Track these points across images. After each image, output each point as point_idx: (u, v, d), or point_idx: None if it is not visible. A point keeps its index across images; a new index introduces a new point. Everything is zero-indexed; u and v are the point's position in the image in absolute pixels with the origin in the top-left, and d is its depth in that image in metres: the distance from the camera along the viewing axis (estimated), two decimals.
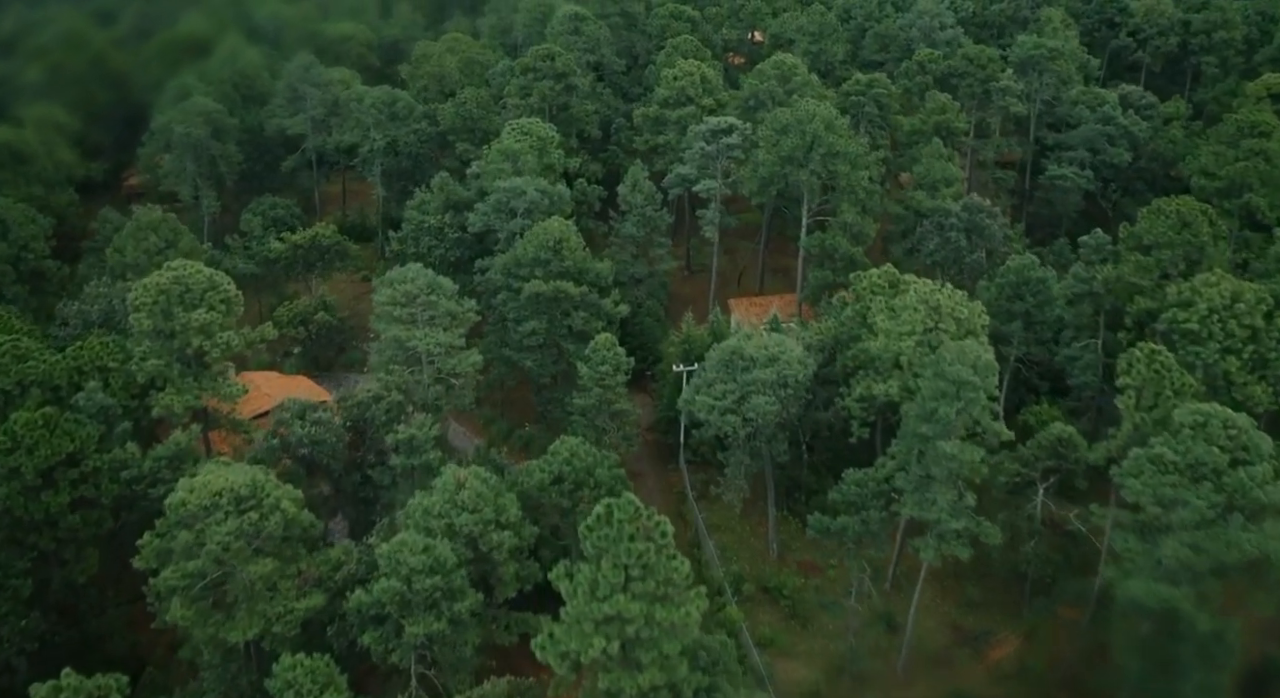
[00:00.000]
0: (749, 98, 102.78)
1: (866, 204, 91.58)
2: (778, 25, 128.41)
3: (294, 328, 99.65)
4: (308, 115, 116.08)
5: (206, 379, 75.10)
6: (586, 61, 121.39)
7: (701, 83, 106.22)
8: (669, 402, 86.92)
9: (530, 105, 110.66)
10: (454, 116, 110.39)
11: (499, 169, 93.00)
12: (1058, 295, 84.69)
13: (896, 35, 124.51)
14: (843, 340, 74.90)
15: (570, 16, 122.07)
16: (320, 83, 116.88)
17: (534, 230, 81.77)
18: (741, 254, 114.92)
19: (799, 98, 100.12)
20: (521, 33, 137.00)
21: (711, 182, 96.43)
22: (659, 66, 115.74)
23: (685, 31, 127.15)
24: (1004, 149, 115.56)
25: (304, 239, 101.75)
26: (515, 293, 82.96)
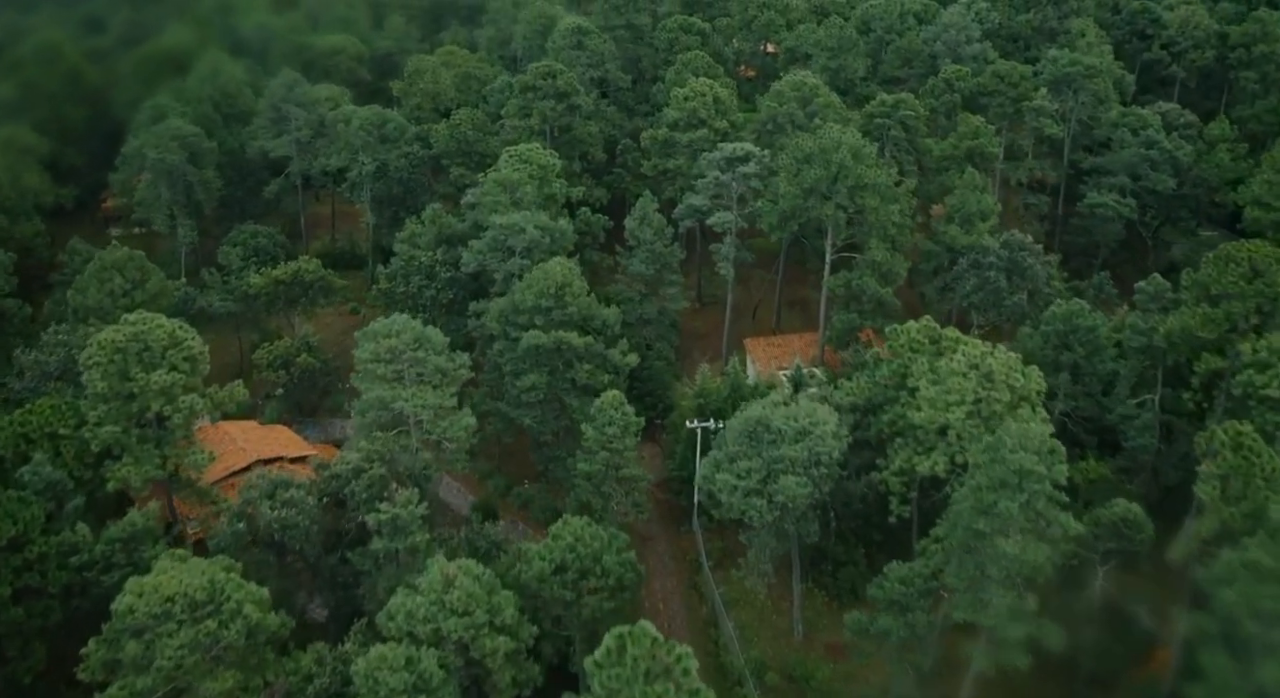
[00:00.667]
0: (766, 122, 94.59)
1: (896, 240, 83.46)
2: (793, 39, 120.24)
3: (274, 371, 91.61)
4: (292, 137, 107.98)
5: (169, 446, 67.19)
6: (590, 78, 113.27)
7: (714, 104, 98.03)
8: (682, 460, 78.99)
9: (530, 126, 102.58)
10: (448, 139, 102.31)
11: (496, 201, 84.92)
12: (1107, 342, 76.67)
13: (920, 50, 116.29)
14: (878, 403, 66.82)
15: (573, 30, 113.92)
16: (306, 102, 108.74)
17: (534, 275, 73.71)
18: (756, 284, 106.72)
19: (821, 122, 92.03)
20: (521, 45, 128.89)
21: (726, 214, 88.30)
22: (668, 84, 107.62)
23: (695, 45, 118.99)
24: (1036, 172, 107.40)
25: (285, 274, 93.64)
26: (513, 342, 74.95)
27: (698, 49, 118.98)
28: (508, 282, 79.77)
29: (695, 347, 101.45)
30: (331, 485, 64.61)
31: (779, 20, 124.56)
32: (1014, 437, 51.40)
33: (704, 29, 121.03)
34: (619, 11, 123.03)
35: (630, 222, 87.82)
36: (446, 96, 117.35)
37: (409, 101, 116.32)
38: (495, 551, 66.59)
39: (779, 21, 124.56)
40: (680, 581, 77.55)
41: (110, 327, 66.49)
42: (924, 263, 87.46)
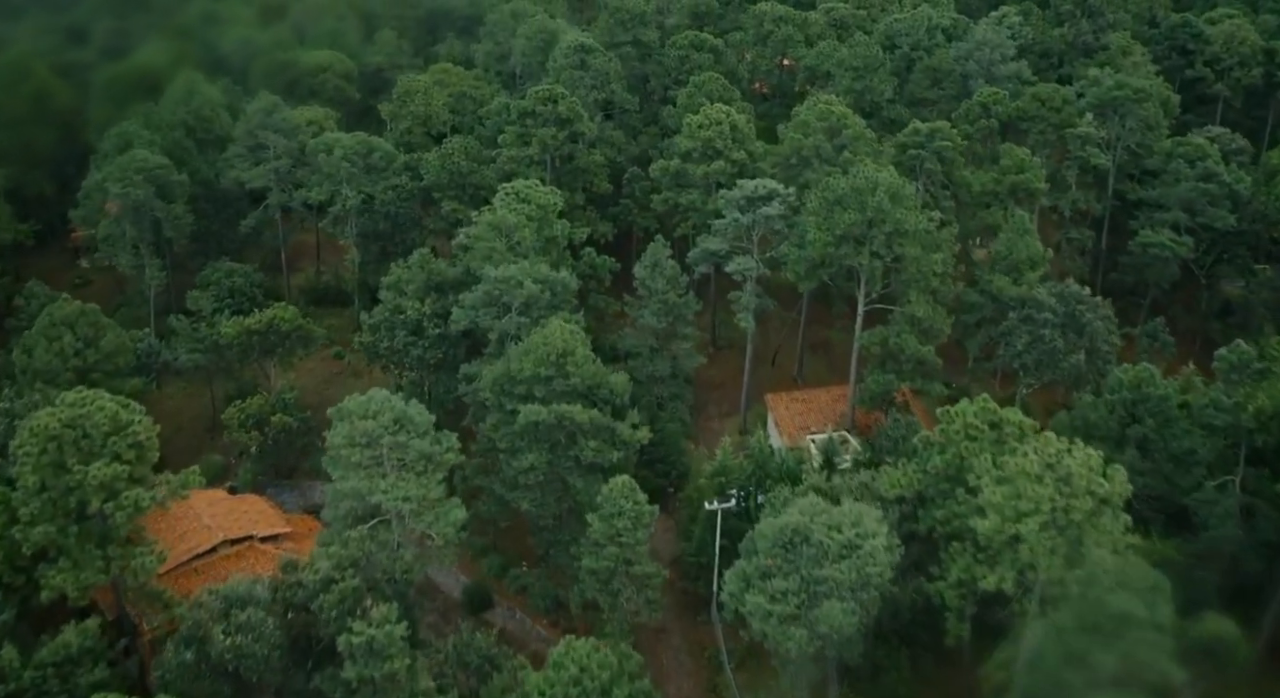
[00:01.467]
0: (791, 155, 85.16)
1: (939, 292, 74.25)
2: (814, 57, 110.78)
3: (246, 432, 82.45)
4: (271, 167, 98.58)
5: (113, 546, 58.13)
6: (594, 100, 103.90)
7: (731, 132, 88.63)
8: (699, 544, 69.80)
9: (529, 156, 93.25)
10: (439, 170, 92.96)
11: (490, 247, 75.64)
12: (1180, 413, 67.43)
13: (951, 70, 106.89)
14: (929, 496, 57.63)
15: (575, 48, 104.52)
16: (285, 128, 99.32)
17: (532, 341, 64.47)
18: (775, 326, 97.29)
19: (851, 155, 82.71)
20: (520, 62, 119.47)
21: (747, 260, 79.03)
22: (679, 110, 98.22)
23: (707, 64, 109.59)
24: (1080, 204, 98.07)
25: (259, 323, 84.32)
26: (509, 415, 65.71)
27: (710, 68, 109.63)
28: (502, 343, 70.53)
29: (710, 398, 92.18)
30: (297, 596, 55.44)
31: (797, 35, 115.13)
32: (1110, 572, 42.19)
33: (716, 46, 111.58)
34: (624, 27, 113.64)
35: (640, 270, 78.51)
36: (439, 119, 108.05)
37: (398, 125, 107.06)
38: (488, 667, 57.47)
39: (797, 37, 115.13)
40: (698, 682, 68.43)
41: (44, 410, 57.34)
42: (967, 314, 78.12)
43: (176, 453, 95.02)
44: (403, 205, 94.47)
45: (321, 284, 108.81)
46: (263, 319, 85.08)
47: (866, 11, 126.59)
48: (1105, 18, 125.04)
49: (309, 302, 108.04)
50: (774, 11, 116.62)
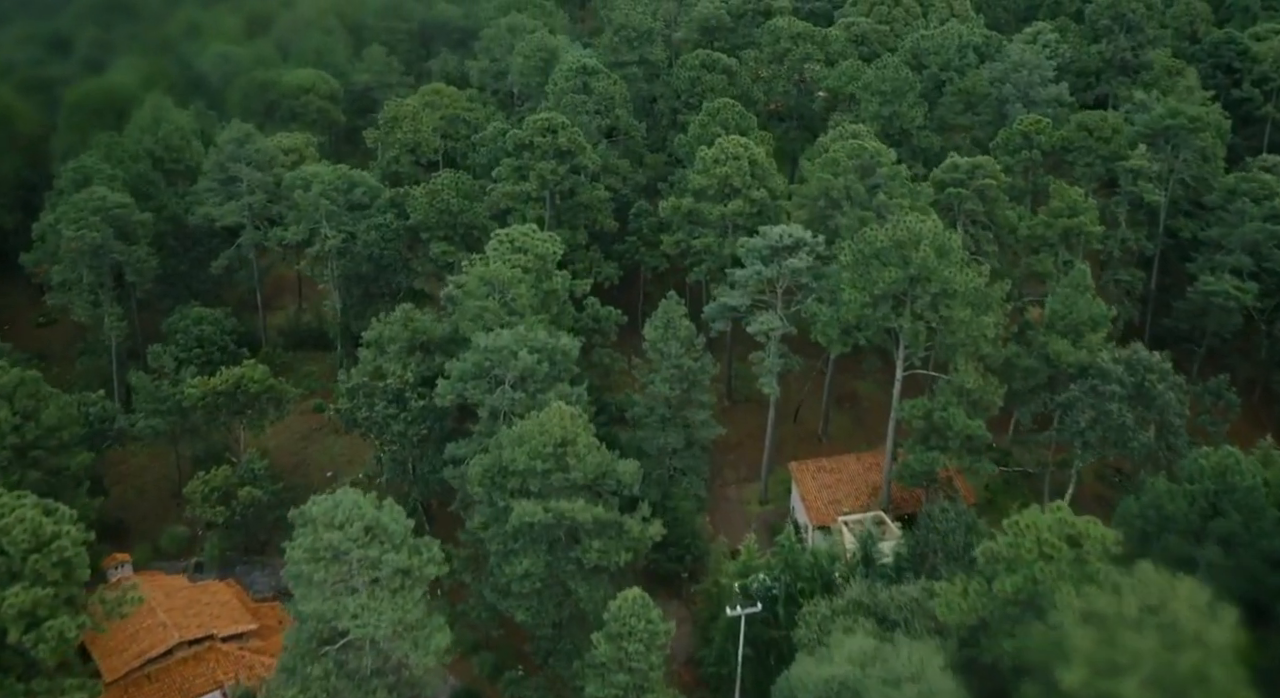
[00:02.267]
0: (819, 197, 75.97)
1: (990, 360, 65.27)
2: (836, 78, 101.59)
3: (211, 507, 73.60)
4: (243, 202, 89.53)
5: (38, 680, 49.33)
6: (597, 126, 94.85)
7: (750, 168, 79.57)
8: (720, 652, 60.82)
9: (526, 192, 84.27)
10: (427, 209, 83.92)
11: (481, 307, 66.64)
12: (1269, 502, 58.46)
13: (986, 93, 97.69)
14: (996, 623, 48.66)
15: (577, 70, 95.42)
16: (260, 160, 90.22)
17: (526, 428, 55.46)
18: (797, 376, 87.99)
19: (886, 196, 73.64)
20: (518, 82, 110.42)
21: (771, 318, 69.94)
22: (691, 140, 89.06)
23: (720, 86, 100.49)
24: (1130, 243, 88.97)
25: (225, 384, 75.42)
26: (501, 511, 56.77)
27: (724, 90, 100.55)
28: (494, 420, 61.54)
29: (725, 461, 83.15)
30: None
31: (816, 54, 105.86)
32: None
33: (729, 66, 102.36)
34: (630, 45, 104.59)
35: (650, 330, 69.39)
36: (429, 147, 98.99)
37: (385, 154, 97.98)
38: None
39: (816, 55, 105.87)
40: None
41: None
42: (1018, 381, 69.04)
43: (140, 519, 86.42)
44: (387, 246, 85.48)
45: (302, 325, 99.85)
46: (229, 379, 76.17)
47: (889, 26, 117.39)
48: (1145, 33, 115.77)
49: (288, 344, 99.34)
50: (791, 28, 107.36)
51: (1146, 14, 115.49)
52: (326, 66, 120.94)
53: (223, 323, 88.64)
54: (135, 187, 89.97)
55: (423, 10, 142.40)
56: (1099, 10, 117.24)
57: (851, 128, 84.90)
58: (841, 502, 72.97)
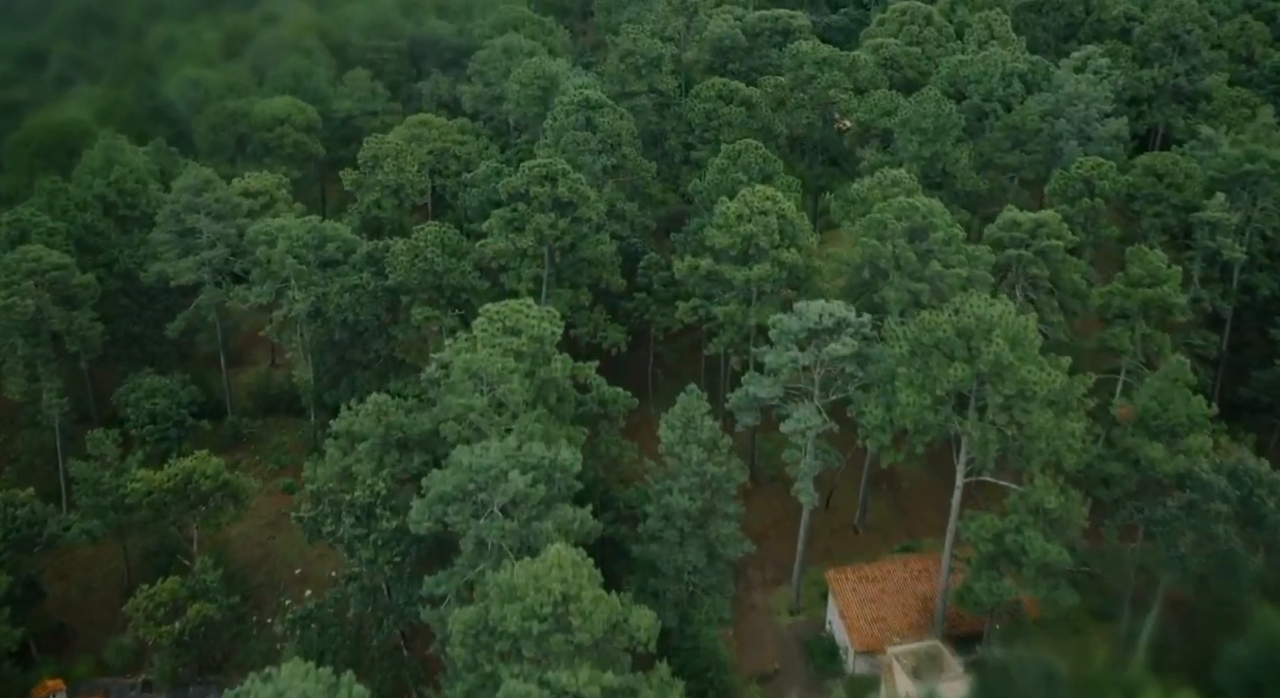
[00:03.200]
0: (863, 264, 64.79)
1: (1071, 470, 54.34)
2: (868, 110, 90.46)
3: (156, 626, 62.76)
4: (202, 257, 78.55)
5: None
6: (602, 167, 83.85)
7: (779, 224, 68.55)
8: None
9: (521, 248, 73.31)
10: (408, 268, 72.96)
11: (465, 406, 55.78)
12: None
13: (1038, 129, 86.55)
14: None
15: (579, 104, 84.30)
16: (221, 211, 79.14)
17: (520, 582, 44.54)
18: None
19: (941, 265, 62.57)
20: (514, 112, 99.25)
21: (808, 413, 58.88)
22: (709, 188, 78.03)
23: (739, 119, 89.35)
24: (1205, 304, 78.00)
25: (174, 479, 64.59)
26: (486, 676, 45.86)
27: (742, 122, 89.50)
28: (480, 552, 50.64)
29: (750, 561, 72.05)
30: None
31: (844, 82, 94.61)
32: None
33: (749, 97, 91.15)
34: (638, 73, 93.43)
35: (667, 431, 58.21)
36: (414, 189, 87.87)
37: (365, 198, 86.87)
38: None
39: (844, 83, 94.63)
40: None
41: None
42: (1102, 489, 58.01)
43: (85, 623, 75.40)
44: (363, 310, 74.48)
45: (273, 386, 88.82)
46: (178, 473, 65.31)
47: (920, 48, 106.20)
48: (1200, 55, 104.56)
49: (258, 408, 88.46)
50: (815, 53, 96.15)
51: (1202, 35, 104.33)
52: (305, 92, 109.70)
53: (178, 395, 77.93)
54: (82, 239, 79.13)
55: (412, 27, 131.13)
56: (1150, 31, 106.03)
57: (892, 174, 73.84)
58: (887, 619, 62.09)
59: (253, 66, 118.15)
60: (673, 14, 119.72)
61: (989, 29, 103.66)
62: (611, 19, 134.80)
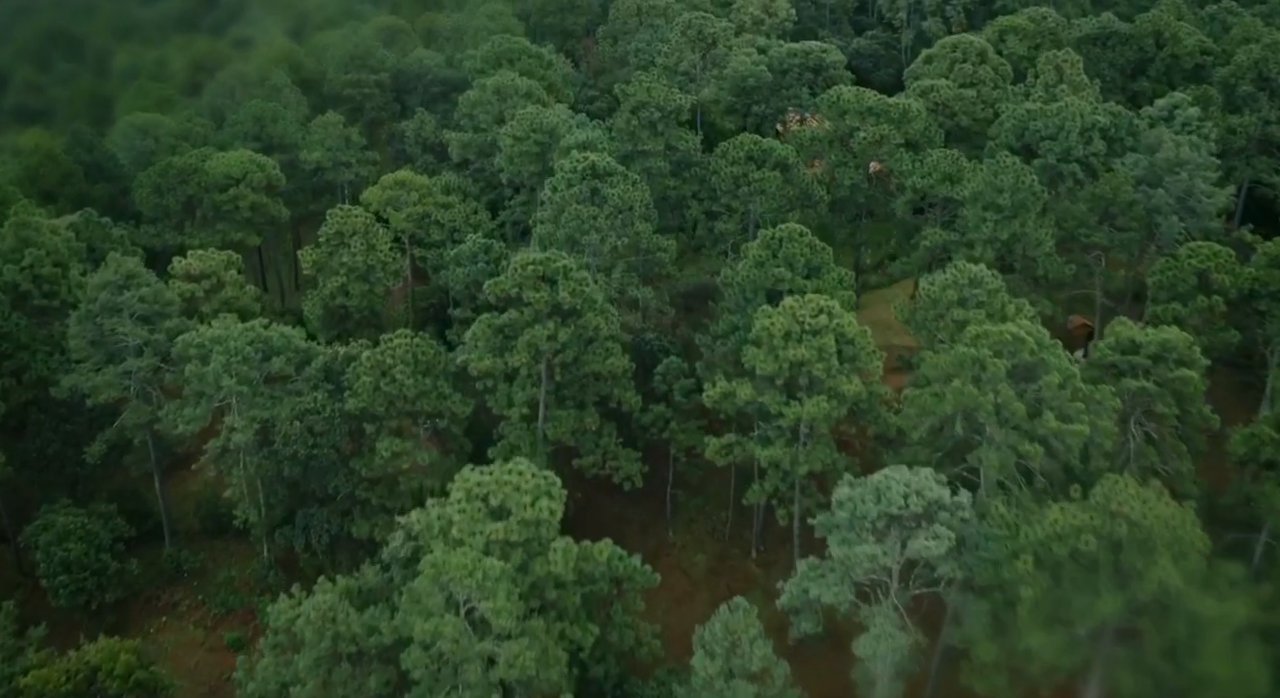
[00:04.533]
0: (954, 417, 49.64)
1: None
2: (925, 174, 75.50)
3: None
4: (125, 369, 63.66)
5: None
6: (613, 247, 69.06)
7: (837, 345, 53.73)
8: None
9: (510, 368, 58.55)
10: (371, 393, 58.17)
11: (433, 631, 41.12)
12: None
13: (1131, 202, 71.64)
14: None
15: (584, 172, 69.30)
16: (149, 312, 64.16)
17: None
18: None
19: (1058, 420, 47.64)
20: (507, 169, 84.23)
21: (886, 625, 44.04)
22: (744, 283, 63.13)
23: (773, 184, 74.42)
24: None
25: (73, 678, 49.96)
26: None
27: (777, 189, 74.61)
28: None
29: None
30: None
31: (894, 136, 79.58)
32: None
33: (784, 158, 76.15)
34: (652, 129, 78.39)
35: (703, 659, 43.29)
36: (388, 271, 73.03)
37: (328, 282, 72.01)
38: None
39: (894, 137, 79.61)
40: None
41: None
42: None
43: None
44: (318, 441, 59.65)
45: (223, 503, 73.82)
46: (80, 670, 50.71)
47: (976, 90, 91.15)
48: None
49: (205, 530, 73.80)
50: (859, 101, 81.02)
51: None
52: (269, 139, 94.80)
53: (98, 536, 63.31)
54: None
55: (396, 57, 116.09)
56: (1238, 72, 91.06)
57: (970, 271, 58.93)
58: None
59: (211, 107, 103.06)
60: (687, 46, 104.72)
61: (1057, 71, 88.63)
62: (617, 48, 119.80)
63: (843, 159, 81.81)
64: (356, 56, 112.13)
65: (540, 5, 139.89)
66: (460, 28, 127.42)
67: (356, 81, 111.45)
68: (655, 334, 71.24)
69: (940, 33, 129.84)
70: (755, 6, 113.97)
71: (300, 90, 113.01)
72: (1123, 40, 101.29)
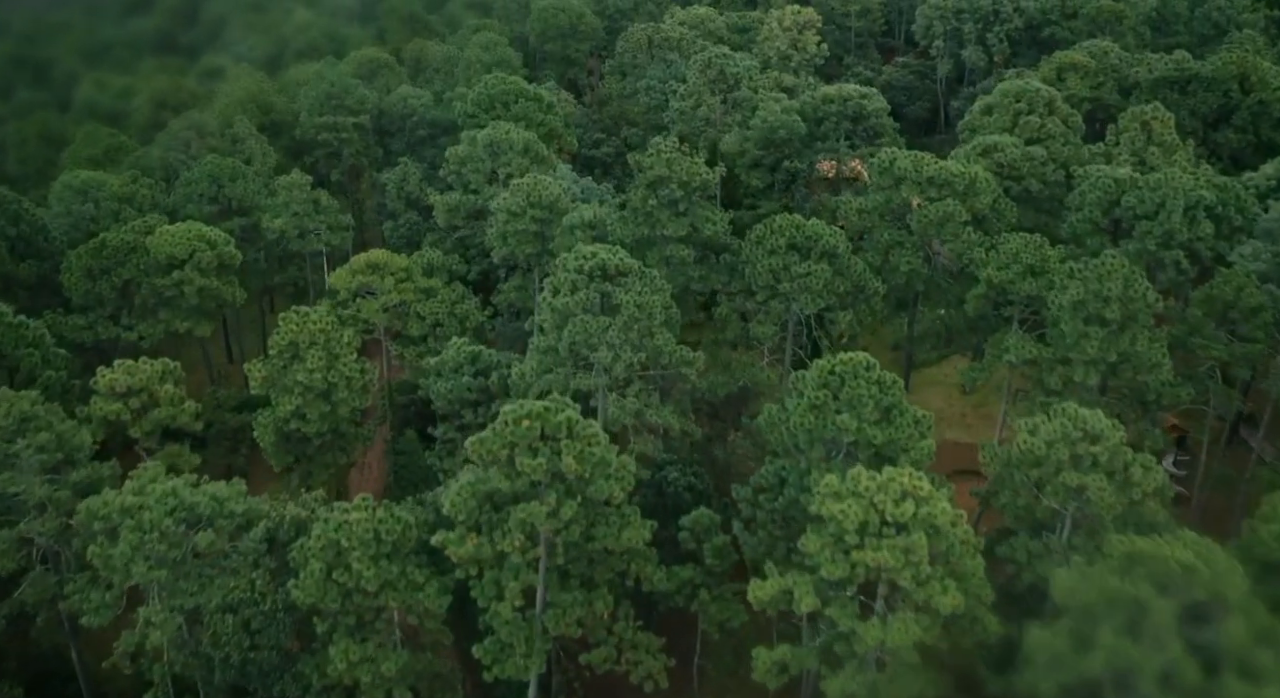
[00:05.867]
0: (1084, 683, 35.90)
1: None
2: (1001, 267, 61.59)
3: None
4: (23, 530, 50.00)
5: None
6: (628, 364, 55.25)
7: (929, 542, 40.06)
8: None
9: (502, 551, 44.91)
10: (319, 588, 44.49)
11: None
12: None
13: (1257, 307, 57.81)
14: None
15: (592, 271, 55.33)
16: (50, 462, 50.33)
17: None
18: None
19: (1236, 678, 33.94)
20: (501, 247, 70.28)
21: None
22: (798, 433, 49.33)
23: (820, 281, 60.49)
24: None
25: None
26: None
27: (825, 284, 60.78)
28: None
29: None
30: None
31: (959, 213, 65.58)
32: None
33: (832, 246, 62.13)
34: (673, 210, 64.37)
35: None
36: (352, 387, 59.25)
37: (281, 404, 58.16)
38: None
39: (959, 215, 65.65)
40: None
41: None
42: None
43: None
44: (256, 641, 45.98)
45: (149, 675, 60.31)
46: None
47: (1045, 147, 77.26)
48: None
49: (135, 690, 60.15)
50: (919, 169, 66.95)
51: None
52: (225, 203, 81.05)
53: None
54: None
55: (379, 95, 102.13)
56: None
57: (1083, 419, 45.25)
58: None
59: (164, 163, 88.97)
60: (706, 88, 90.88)
61: (1144, 129, 74.75)
62: (625, 86, 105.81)
63: (898, 238, 67.99)
64: (333, 96, 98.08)
65: (540, 30, 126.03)
66: (451, 58, 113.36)
67: (333, 125, 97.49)
68: (679, 469, 57.52)
69: (981, 63, 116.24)
70: (782, 40, 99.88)
71: (271, 133, 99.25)
72: (1204, 85, 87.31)
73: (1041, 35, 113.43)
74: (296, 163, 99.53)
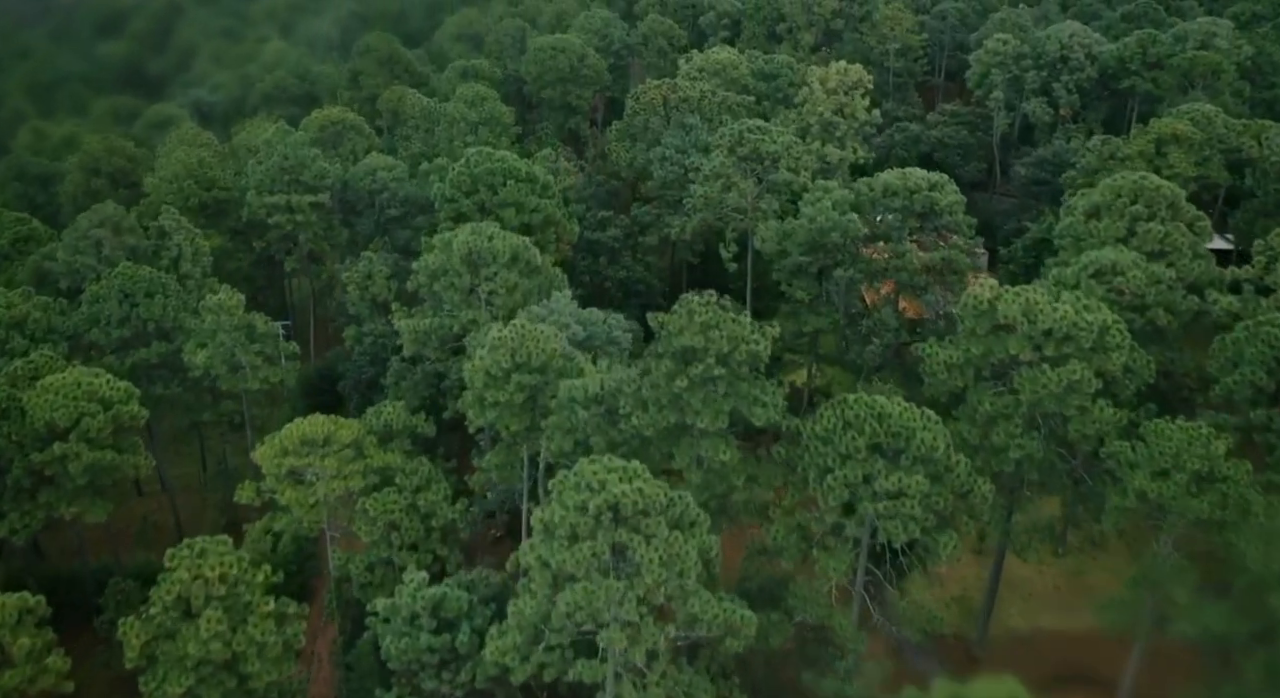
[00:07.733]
0: None
1: None
2: (1154, 469, 43.54)
3: None
4: None
5: None
6: (653, 642, 37.42)
7: None
8: None
9: None
10: None
11: None
12: None
13: None
14: None
15: (599, 512, 37.46)
16: None
17: None
18: None
19: None
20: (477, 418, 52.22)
21: None
22: None
23: (914, 500, 42.60)
24: None
25: None
26: None
27: (921, 497, 42.87)
28: None
29: None
30: None
31: (1087, 378, 47.57)
32: None
33: (932, 447, 44.09)
34: (710, 391, 46.09)
35: None
36: (265, 660, 41.34)
37: (168, 685, 40.24)
38: None
39: (1087, 383, 47.59)
40: None
41: None
42: None
43: None
44: None
45: None
46: None
47: (1170, 265, 58.99)
48: None
49: None
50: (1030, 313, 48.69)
51: None
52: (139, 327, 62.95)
53: None
54: None
55: (342, 168, 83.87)
56: None
57: None
58: None
59: (70, 269, 70.50)
60: (736, 169, 72.66)
61: None
62: (633, 154, 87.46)
63: (1003, 409, 49.81)
64: (286, 170, 79.74)
65: (537, 74, 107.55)
66: (432, 114, 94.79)
67: (286, 204, 79.25)
68: None
69: (1045, 118, 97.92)
70: (826, 105, 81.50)
71: (214, 214, 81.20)
72: None
73: (1120, 86, 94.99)
74: (243, 249, 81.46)
